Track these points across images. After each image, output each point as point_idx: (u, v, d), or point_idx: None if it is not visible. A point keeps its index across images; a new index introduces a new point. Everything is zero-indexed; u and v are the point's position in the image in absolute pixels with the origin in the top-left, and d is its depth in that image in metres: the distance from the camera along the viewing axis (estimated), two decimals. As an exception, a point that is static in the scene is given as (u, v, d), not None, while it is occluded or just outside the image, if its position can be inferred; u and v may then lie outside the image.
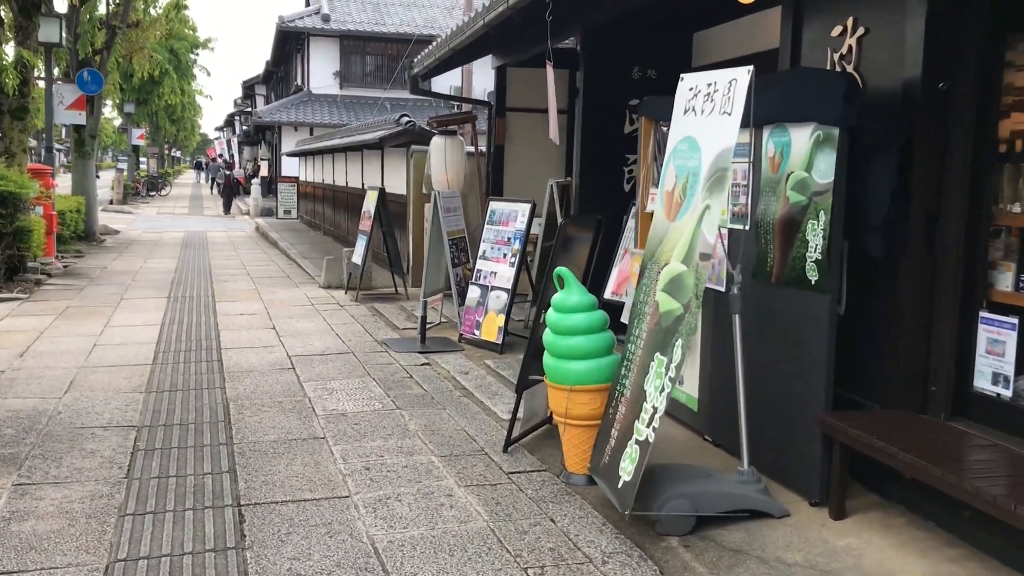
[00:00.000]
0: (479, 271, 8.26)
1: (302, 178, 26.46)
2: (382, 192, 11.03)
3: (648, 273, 4.32)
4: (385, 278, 12.15)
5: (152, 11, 19.55)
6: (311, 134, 27.72)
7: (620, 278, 8.33)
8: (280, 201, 27.73)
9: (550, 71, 7.25)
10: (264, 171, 36.65)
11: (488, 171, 11.89)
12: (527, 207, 7.95)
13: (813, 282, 4.16)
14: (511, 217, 8.07)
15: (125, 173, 38.99)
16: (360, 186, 16.26)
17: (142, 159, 54.33)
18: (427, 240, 11.39)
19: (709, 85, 4.01)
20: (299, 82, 34.13)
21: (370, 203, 11.28)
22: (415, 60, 11.54)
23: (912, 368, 4.20)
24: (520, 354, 7.62)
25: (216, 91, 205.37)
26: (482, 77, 29.25)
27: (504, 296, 7.88)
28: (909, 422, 4.04)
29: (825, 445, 4.15)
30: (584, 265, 5.60)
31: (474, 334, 8.10)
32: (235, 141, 53.90)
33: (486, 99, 12.18)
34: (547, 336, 4.67)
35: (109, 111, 48.39)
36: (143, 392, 6.44)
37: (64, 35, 15.02)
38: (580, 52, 8.59)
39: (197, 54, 41.17)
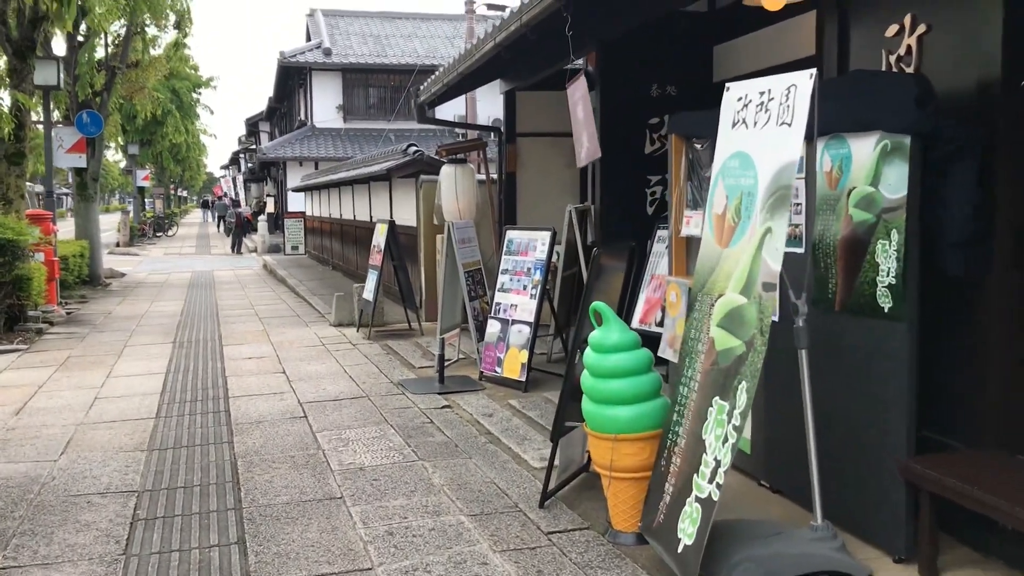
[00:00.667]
0: (498, 304, 7.81)
1: (309, 213, 26.14)
2: (392, 225, 10.62)
3: (699, 306, 3.86)
4: (398, 313, 11.70)
5: (152, 51, 19.27)
6: (316, 168, 27.43)
7: (647, 306, 7.89)
8: (287, 237, 27.39)
9: (579, 85, 6.80)
10: (270, 207, 36.39)
11: (500, 199, 11.47)
12: (547, 235, 7.51)
13: (887, 310, 3.69)
14: (530, 246, 7.62)
15: (131, 215, 38.77)
16: (368, 219, 15.87)
17: (148, 200, 54.27)
18: (441, 273, 10.96)
19: (762, 94, 3.56)
20: (302, 117, 33.92)
21: (380, 237, 10.86)
22: (421, 88, 11.16)
23: (1001, 402, 3.72)
24: (546, 392, 7.15)
25: (220, 129, 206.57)
26: (486, 104, 28.99)
27: (526, 330, 7.41)
28: (1007, 465, 3.55)
29: (910, 494, 3.66)
30: (619, 297, 5.14)
31: (495, 371, 7.63)
32: (240, 179, 53.79)
33: (494, 125, 11.78)
34: (586, 380, 4.21)
35: (113, 153, 48.40)
36: (145, 450, 5.98)
37: (62, 77, 14.73)
38: (595, 71, 8.18)
39: (199, 93, 41.15)
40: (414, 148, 11.97)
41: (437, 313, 11.33)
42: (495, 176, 11.67)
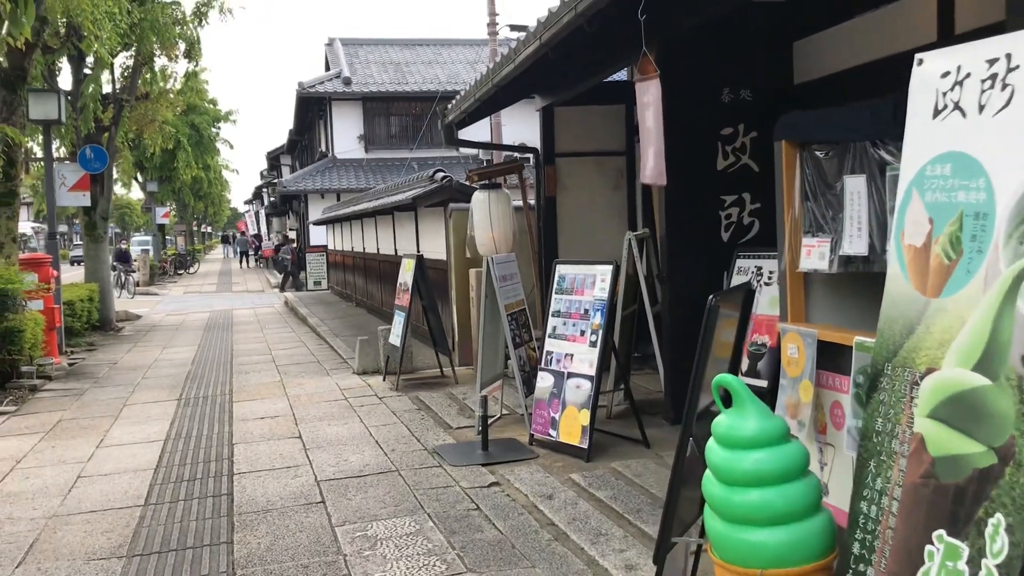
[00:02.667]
0: (549, 353, 6.56)
1: (331, 247, 25.10)
2: (419, 260, 9.42)
3: (890, 384, 2.60)
4: (427, 357, 10.50)
5: (161, 83, 18.32)
6: (338, 200, 26.42)
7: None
8: (309, 272, 26.38)
9: (651, 85, 5.58)
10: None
11: (539, 226, 10.26)
12: (607, 270, 6.26)
13: None
14: (587, 283, 6.38)
15: (151, 253, 37.99)
16: (393, 252, 14.71)
17: (169, 237, 53.68)
18: (479, 314, 9.74)
19: (992, 62, 2.33)
20: (323, 148, 33.01)
21: (406, 274, 9.67)
22: (449, 106, 10.01)
23: None
24: (614, 460, 5.89)
25: (243, 164, 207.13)
26: (512, 130, 27.89)
27: (586, 386, 6.16)
28: None
29: None
30: (732, 357, 3.89)
31: (549, 435, 6.37)
32: (262, 213, 53.06)
33: (529, 147, 10.60)
34: (712, 487, 2.95)
35: (131, 191, 47.86)
36: (124, 556, 4.77)
37: (63, 111, 13.75)
38: (662, 74, 6.97)
39: (219, 128, 40.44)
40: (441, 174, 10.80)
41: (472, 357, 10.13)
42: (533, 202, 10.46)
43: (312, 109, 34.37)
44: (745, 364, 6.53)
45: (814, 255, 4.22)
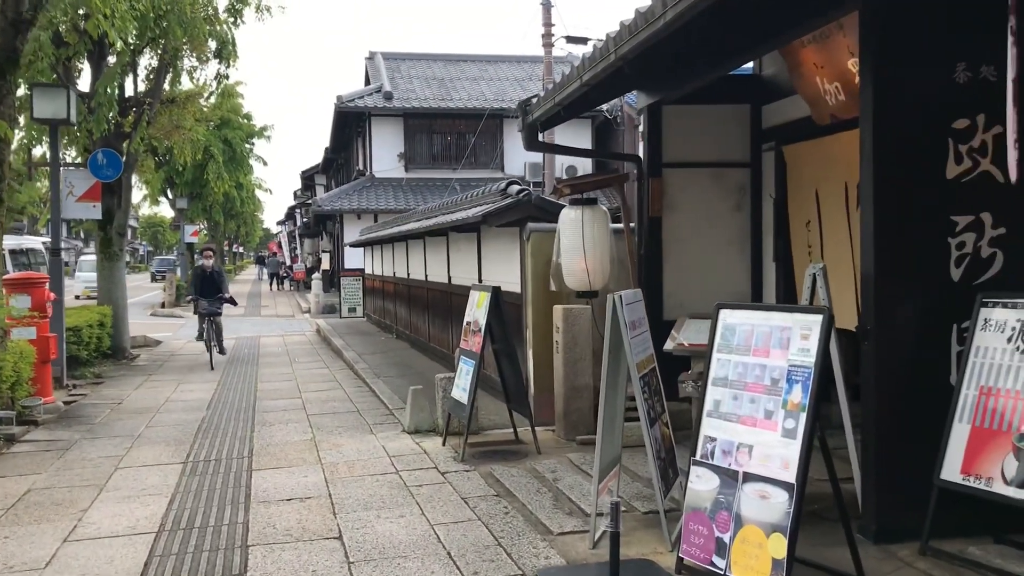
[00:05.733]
0: (711, 441, 4.46)
1: (368, 271, 23.17)
2: (496, 293, 7.35)
3: None
4: (494, 411, 8.49)
5: (190, 84, 16.53)
6: (375, 221, 24.55)
7: (975, 446, 4.54)
8: (344, 297, 24.44)
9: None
10: (325, 264, 33.66)
11: (640, 254, 8.22)
12: (815, 320, 4.13)
13: None
14: (776, 339, 4.28)
15: (178, 273, 36.35)
16: (445, 279, 12.70)
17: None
18: (562, 363, 7.68)
19: None
20: (360, 166, 31.25)
21: (477, 310, 7.60)
22: (531, 102, 8.00)
23: None
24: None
25: (277, 183, 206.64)
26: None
27: (779, 497, 4.04)
28: None
29: None
30: None
31: (713, 566, 4.26)
32: (297, 233, 51.44)
33: (630, 154, 8.56)
34: None
35: (164, 208, 46.43)
36: None
37: (72, 110, 11.96)
38: (864, 45, 4.93)
39: (252, 143, 38.86)
40: (517, 187, 8.78)
41: (553, 414, 8.07)
42: (634, 224, 8.42)
43: (350, 125, 32.68)
44: (1001, 465, 4.45)
45: None
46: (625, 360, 5.07)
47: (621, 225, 8.21)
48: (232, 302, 15.16)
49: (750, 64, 8.32)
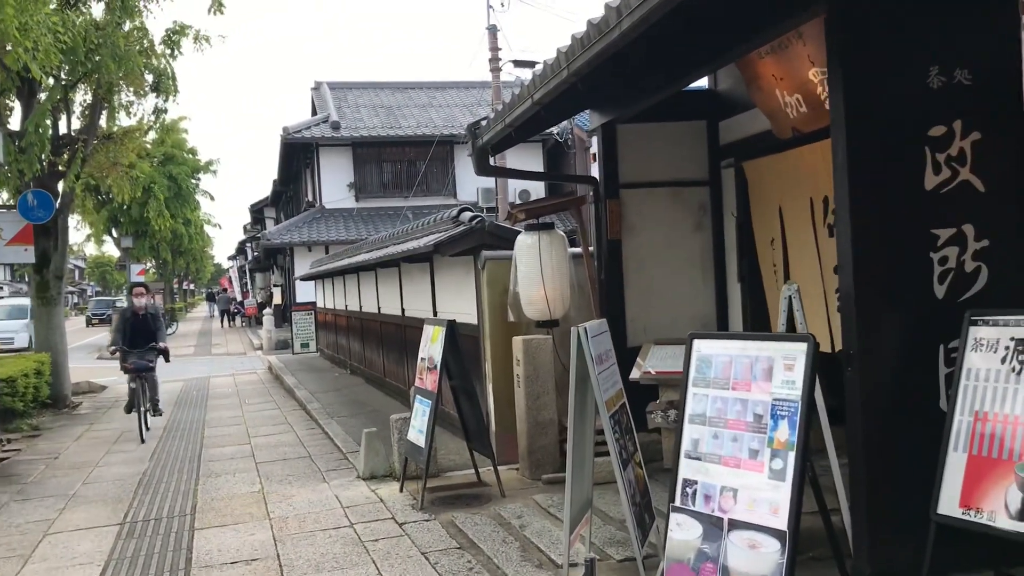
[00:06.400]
0: (690, 484, 4.07)
1: (320, 304, 22.59)
2: (451, 327, 6.93)
3: None
4: (453, 450, 8.08)
5: (125, 120, 15.90)
6: (327, 253, 24.01)
7: (973, 476, 4.24)
8: (296, 332, 23.78)
9: None
10: (277, 298, 32.93)
11: (600, 278, 7.86)
12: (799, 349, 3.78)
13: None
14: (758, 370, 3.91)
15: (125, 313, 35.32)
16: (399, 312, 12.25)
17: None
18: (525, 398, 7.28)
19: None
20: (310, 198, 30.69)
21: (433, 347, 7.16)
22: (481, 125, 7.64)
23: None
24: None
25: (227, 219, 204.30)
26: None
27: (772, 546, 3.66)
28: None
29: None
30: None
31: (699, 621, 3.87)
32: (248, 268, 50.48)
33: (586, 176, 8.21)
34: None
35: (109, 247, 45.33)
36: None
37: (1, 150, 11.37)
38: (830, 45, 4.63)
39: (199, 179, 38.13)
40: (469, 213, 8.40)
41: (516, 452, 7.65)
42: (592, 248, 8.07)
43: (298, 156, 32.12)
44: (1001, 496, 4.14)
45: None
46: (592, 397, 4.68)
47: (579, 249, 7.84)
48: (166, 355, 11.97)
49: (704, 80, 8.05)
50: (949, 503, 4.21)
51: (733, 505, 3.88)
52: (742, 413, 3.95)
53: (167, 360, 12.19)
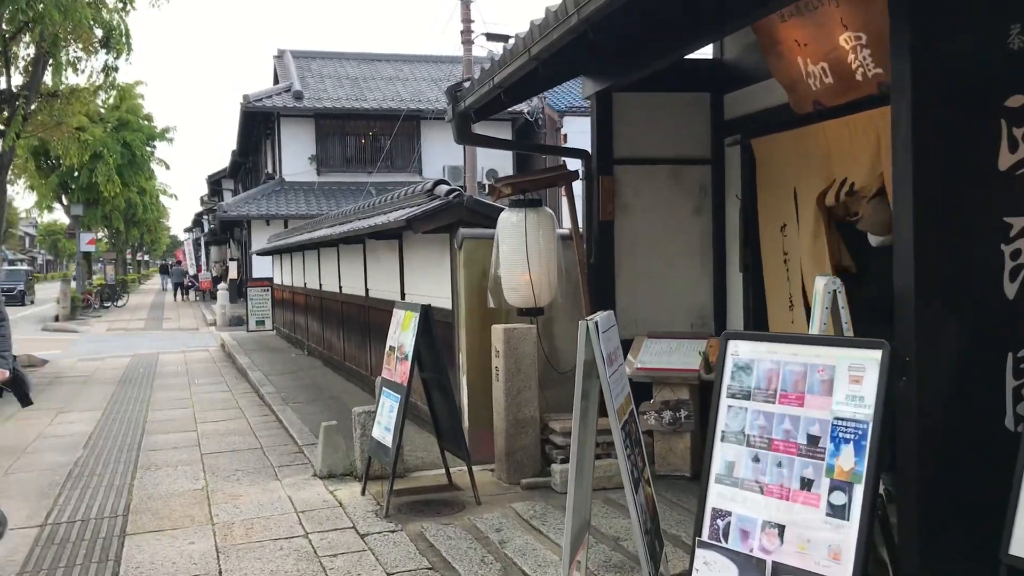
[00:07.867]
0: (721, 515, 3.37)
1: (277, 281, 21.62)
2: (426, 313, 6.14)
3: None
4: (421, 444, 7.33)
5: (72, 77, 14.81)
6: (286, 227, 23.03)
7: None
8: (251, 309, 22.76)
9: None
10: (233, 273, 31.80)
11: (589, 263, 7.13)
12: (872, 357, 3.07)
13: None
14: (813, 382, 3.21)
15: (73, 284, 33.95)
16: (363, 292, 11.42)
17: (99, 265, 49.41)
18: (504, 393, 6.54)
19: None
20: (270, 170, 29.59)
21: (404, 334, 6.37)
22: (463, 87, 6.85)
23: None
24: None
25: (184, 189, 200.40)
26: (485, 152, 24.75)
27: (830, 600, 2.98)
28: None
29: None
30: None
31: None
32: (204, 241, 49.01)
33: (576, 149, 7.44)
34: None
35: (59, 215, 43.70)
36: None
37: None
38: (895, 9, 3.91)
39: (154, 146, 36.72)
40: (446, 187, 7.61)
41: (492, 451, 6.90)
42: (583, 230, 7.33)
43: (259, 126, 30.94)
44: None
45: None
46: (594, 403, 3.95)
47: (567, 230, 7.10)
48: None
49: (708, 49, 7.33)
50: (1022, 543, 3.55)
51: (779, 545, 3.18)
52: (792, 433, 3.24)
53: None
